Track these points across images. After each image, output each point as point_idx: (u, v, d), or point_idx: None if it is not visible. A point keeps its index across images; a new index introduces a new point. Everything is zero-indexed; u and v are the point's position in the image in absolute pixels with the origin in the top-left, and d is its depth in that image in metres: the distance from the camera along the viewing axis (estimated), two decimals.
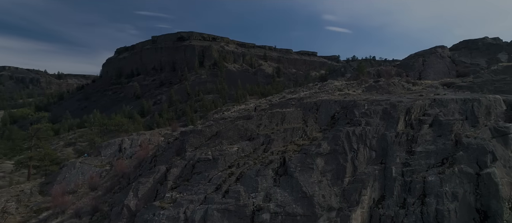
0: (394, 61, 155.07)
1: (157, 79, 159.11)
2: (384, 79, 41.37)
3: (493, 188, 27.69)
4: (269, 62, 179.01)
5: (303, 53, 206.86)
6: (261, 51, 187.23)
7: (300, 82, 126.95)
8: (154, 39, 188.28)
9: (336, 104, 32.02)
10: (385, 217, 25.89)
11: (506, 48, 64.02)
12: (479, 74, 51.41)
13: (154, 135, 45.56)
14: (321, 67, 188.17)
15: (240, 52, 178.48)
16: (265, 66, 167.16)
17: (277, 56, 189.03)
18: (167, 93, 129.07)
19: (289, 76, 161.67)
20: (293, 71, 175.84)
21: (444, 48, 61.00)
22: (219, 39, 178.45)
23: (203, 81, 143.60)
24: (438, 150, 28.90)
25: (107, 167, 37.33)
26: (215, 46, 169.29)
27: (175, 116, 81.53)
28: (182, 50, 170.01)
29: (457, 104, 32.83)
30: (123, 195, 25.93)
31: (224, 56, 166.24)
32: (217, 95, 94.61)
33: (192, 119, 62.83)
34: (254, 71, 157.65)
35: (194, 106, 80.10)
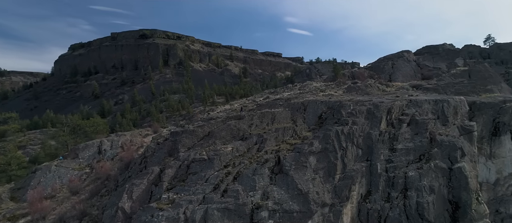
0: (354, 63, 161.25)
1: (118, 78, 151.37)
2: (361, 81, 43.63)
3: (463, 181, 30.56)
4: (235, 63, 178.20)
5: (268, 54, 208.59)
6: (227, 51, 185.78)
7: (267, 83, 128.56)
8: (113, 36, 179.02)
9: (323, 104, 33.36)
10: (373, 211, 27.59)
11: (461, 54, 70.21)
12: (441, 77, 56.09)
13: (134, 136, 44.00)
14: (286, 68, 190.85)
15: (206, 51, 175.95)
16: (231, 66, 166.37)
17: (243, 56, 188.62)
18: (129, 92, 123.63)
19: (256, 77, 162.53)
20: (259, 71, 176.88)
21: (409, 52, 65.46)
22: (184, 38, 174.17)
23: (168, 81, 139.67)
24: (416, 147, 31.27)
25: (86, 169, 35.63)
26: (180, 45, 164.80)
27: (139, 116, 78.77)
28: (145, 48, 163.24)
29: (430, 104, 35.65)
30: (115, 197, 25.12)
31: (189, 55, 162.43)
32: (183, 95, 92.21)
33: (158, 119, 61.25)
34: (220, 71, 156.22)
35: (160, 106, 77.54)
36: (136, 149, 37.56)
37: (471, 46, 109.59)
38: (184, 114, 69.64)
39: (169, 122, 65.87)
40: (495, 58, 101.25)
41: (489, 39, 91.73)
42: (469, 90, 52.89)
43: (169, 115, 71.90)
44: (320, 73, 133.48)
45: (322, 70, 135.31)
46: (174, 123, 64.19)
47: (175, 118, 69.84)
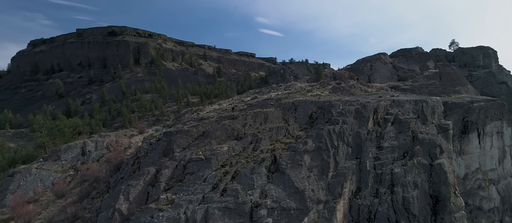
0: (325, 64, 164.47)
1: (85, 76, 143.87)
2: (344, 82, 45.25)
3: (443, 176, 32.70)
4: (209, 62, 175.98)
5: (242, 54, 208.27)
6: (201, 50, 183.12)
7: (242, 83, 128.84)
8: (79, 32, 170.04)
9: (313, 104, 34.33)
10: (363, 207, 28.87)
11: (432, 57, 74.59)
12: (416, 79, 59.40)
13: (119, 136, 42.52)
14: (259, 68, 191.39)
15: (179, 50, 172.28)
16: (205, 66, 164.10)
17: (217, 56, 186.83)
18: (98, 91, 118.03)
19: (230, 76, 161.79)
20: (233, 71, 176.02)
21: (385, 55, 68.57)
22: (156, 36, 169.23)
23: (139, 80, 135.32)
24: (400, 145, 33.05)
25: (71, 172, 34.16)
26: (152, 43, 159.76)
27: (109, 117, 76.05)
28: (114, 46, 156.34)
29: (411, 105, 37.75)
30: (110, 199, 24.49)
31: (162, 54, 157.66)
32: (156, 95, 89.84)
33: (130, 120, 59.59)
34: (194, 70, 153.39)
35: (131, 106, 74.95)
36: (124, 150, 36.57)
37: (438, 50, 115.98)
38: (158, 114, 68.34)
39: (141, 122, 64.35)
40: (458, 62, 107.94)
41: (453, 43, 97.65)
42: (440, 91, 56.45)
43: (142, 115, 69.99)
44: (294, 73, 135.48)
45: (296, 71, 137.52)
46: (147, 122, 62.82)
47: (148, 118, 68.36)
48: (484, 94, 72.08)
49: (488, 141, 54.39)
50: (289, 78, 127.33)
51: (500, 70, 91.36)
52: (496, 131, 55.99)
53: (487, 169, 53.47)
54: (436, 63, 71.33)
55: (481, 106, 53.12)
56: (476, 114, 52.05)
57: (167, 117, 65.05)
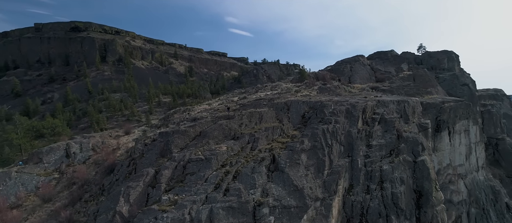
0: (295, 65, 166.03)
1: (45, 74, 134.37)
2: (328, 83, 46.64)
3: (425, 172, 34.82)
4: (180, 61, 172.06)
5: (214, 53, 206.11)
6: (171, 49, 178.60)
7: (214, 82, 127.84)
8: (38, 27, 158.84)
9: (304, 104, 35.16)
10: (356, 203, 30.09)
11: (407, 59, 78.62)
12: (392, 80, 62.42)
13: (104, 137, 40.64)
14: (231, 68, 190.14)
15: (149, 48, 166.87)
16: (176, 65, 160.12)
17: (188, 55, 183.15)
18: (60, 90, 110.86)
19: (202, 76, 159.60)
20: (205, 70, 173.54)
21: (363, 57, 71.35)
22: (124, 33, 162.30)
23: (107, 78, 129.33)
24: (387, 143, 34.75)
25: (55, 175, 32.42)
26: (120, 41, 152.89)
27: (74, 117, 72.45)
28: (78, 42, 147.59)
29: (394, 105, 39.75)
30: (109, 201, 23.70)
31: (130, 51, 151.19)
32: (125, 94, 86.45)
33: (97, 120, 56.94)
34: (165, 69, 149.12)
35: (98, 106, 71.51)
36: (112, 151, 35.28)
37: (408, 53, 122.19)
38: (128, 114, 65.95)
39: (110, 123, 62.06)
40: (426, 64, 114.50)
41: (421, 47, 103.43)
42: (414, 92, 59.73)
43: (110, 115, 66.83)
44: (267, 73, 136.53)
45: (269, 71, 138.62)
46: (116, 123, 60.77)
47: (117, 118, 65.81)
48: (450, 95, 77.07)
49: (457, 138, 58.36)
50: (262, 78, 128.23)
51: (462, 73, 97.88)
52: (464, 129, 60.22)
53: (456, 164, 57.36)
54: (409, 66, 75.20)
55: (451, 106, 56.88)
56: (447, 113, 55.67)
57: (138, 117, 62.96)
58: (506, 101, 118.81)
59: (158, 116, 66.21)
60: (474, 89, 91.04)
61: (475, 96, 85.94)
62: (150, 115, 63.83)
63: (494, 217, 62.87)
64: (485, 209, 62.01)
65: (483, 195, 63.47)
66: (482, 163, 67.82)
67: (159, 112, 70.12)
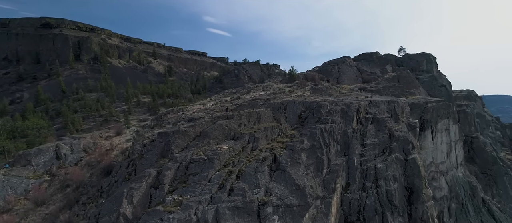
0: (275, 66, 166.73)
1: (13, 72, 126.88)
2: (320, 83, 47.43)
3: (416, 169, 36.16)
4: (159, 60, 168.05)
5: (193, 52, 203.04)
6: (150, 47, 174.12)
7: (195, 82, 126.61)
8: (4, 22, 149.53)
9: (300, 104, 35.64)
10: (353, 201, 30.84)
11: (389, 61, 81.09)
12: (378, 81, 64.38)
13: (95, 138, 39.22)
14: (211, 68, 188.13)
15: (126, 47, 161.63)
16: (155, 64, 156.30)
17: (167, 54, 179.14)
18: (30, 89, 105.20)
19: (181, 75, 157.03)
20: (185, 70, 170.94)
21: (349, 58, 72.96)
22: (99, 31, 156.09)
23: (81, 77, 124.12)
24: (380, 142, 35.81)
25: (46, 177, 31.09)
26: (95, 38, 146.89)
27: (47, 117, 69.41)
28: (50, 39, 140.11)
29: (385, 105, 41.00)
30: (111, 203, 23.11)
31: (106, 50, 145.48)
32: (102, 94, 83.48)
33: (73, 121, 54.67)
34: (143, 68, 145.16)
35: (73, 106, 68.49)
36: (106, 152, 34.28)
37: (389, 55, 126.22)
38: (105, 115, 63.97)
39: (86, 123, 60.15)
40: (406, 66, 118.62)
41: (401, 49, 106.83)
42: (399, 92, 61.80)
43: (87, 116, 64.27)
44: (248, 74, 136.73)
45: (250, 71, 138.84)
46: (93, 124, 59.05)
47: (94, 118, 63.71)
48: (429, 95, 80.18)
49: (439, 137, 60.79)
50: (244, 79, 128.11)
51: (439, 75, 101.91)
52: (445, 128, 62.81)
53: (438, 162, 59.71)
54: (393, 67, 77.59)
55: (433, 106, 59.21)
56: (430, 113, 57.89)
57: (116, 118, 61.11)
58: (478, 102, 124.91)
59: (137, 116, 65.05)
60: (450, 90, 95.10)
61: (452, 97, 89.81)
62: (129, 115, 62.01)
63: (472, 211, 66.00)
64: (464, 204, 65.00)
65: (462, 190, 66.52)
66: (461, 160, 71.07)
67: (139, 112, 68.59)
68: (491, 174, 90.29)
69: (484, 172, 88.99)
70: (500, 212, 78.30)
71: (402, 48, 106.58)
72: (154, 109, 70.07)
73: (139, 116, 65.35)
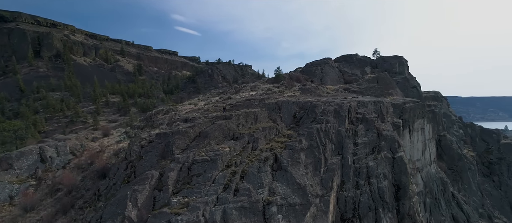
0: (247, 66, 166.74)
1: None
2: (308, 84, 48.31)
3: (403, 167, 37.90)
4: (127, 58, 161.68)
5: (164, 51, 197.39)
6: (117, 45, 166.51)
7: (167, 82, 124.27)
8: None
9: (294, 104, 36.15)
10: (349, 198, 31.78)
11: (368, 63, 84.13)
12: (359, 82, 66.64)
13: (81, 139, 37.12)
14: (183, 67, 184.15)
15: (92, 44, 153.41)
16: (123, 62, 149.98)
17: (137, 52, 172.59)
18: None
19: (152, 75, 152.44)
20: (155, 69, 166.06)
21: (331, 60, 74.80)
22: (62, 26, 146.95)
23: (42, 75, 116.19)
24: (369, 141, 37.14)
25: (31, 181, 29.15)
26: (57, 34, 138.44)
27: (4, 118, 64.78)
28: (5, 34, 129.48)
29: (372, 105, 42.58)
30: (114, 207, 22.20)
31: (70, 47, 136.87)
32: (67, 93, 78.61)
33: (34, 122, 51.31)
34: (111, 67, 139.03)
35: (34, 106, 63.99)
36: (96, 154, 32.70)
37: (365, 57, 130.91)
38: (71, 115, 60.57)
39: (50, 124, 56.98)
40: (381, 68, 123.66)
41: (376, 52, 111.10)
42: (379, 93, 64.30)
43: (50, 116, 60.41)
44: (222, 74, 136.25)
45: (224, 71, 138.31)
46: (58, 125, 56.10)
47: (58, 119, 60.29)
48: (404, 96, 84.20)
49: (416, 135, 63.97)
50: (218, 79, 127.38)
51: (411, 76, 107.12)
52: (420, 128, 66.19)
53: (415, 159, 62.85)
54: (372, 69, 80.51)
55: (411, 106, 62.21)
56: (408, 113, 60.76)
57: (84, 119, 58.00)
58: (444, 102, 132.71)
59: (106, 117, 62.36)
60: (421, 92, 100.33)
61: (422, 98, 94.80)
62: (97, 115, 59.07)
63: (443, 205, 70.07)
64: (437, 199, 68.84)
65: (435, 186, 70.42)
66: (433, 157, 75.20)
67: (108, 113, 65.88)
68: (457, 169, 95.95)
69: (451, 168, 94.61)
70: (466, 204, 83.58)
71: (377, 50, 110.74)
72: (124, 109, 67.48)
73: (108, 116, 62.60)
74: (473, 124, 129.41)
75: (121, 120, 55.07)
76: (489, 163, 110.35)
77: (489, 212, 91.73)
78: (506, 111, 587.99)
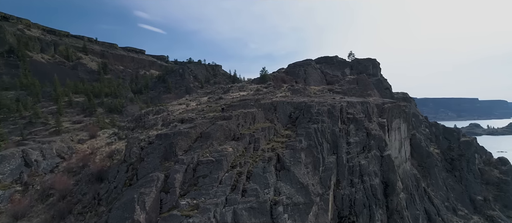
0: (217, 66, 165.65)
1: None
2: (296, 85, 48.96)
3: (391, 165, 39.57)
4: (91, 56, 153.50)
5: (130, 49, 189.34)
6: (79, 42, 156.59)
7: (136, 81, 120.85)
8: None
9: (289, 105, 36.54)
10: (345, 196, 32.64)
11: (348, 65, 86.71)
12: (341, 83, 68.59)
13: (66, 142, 34.67)
14: (150, 66, 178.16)
15: (50, 40, 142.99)
16: (86, 60, 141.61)
17: (101, 50, 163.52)
18: None
19: (118, 74, 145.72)
20: (121, 68, 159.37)
21: (313, 61, 76.24)
22: (15, 20, 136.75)
23: None
24: (360, 140, 38.39)
25: (17, 187, 26.99)
26: (10, 28, 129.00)
27: None
28: None
29: (359, 105, 44.00)
30: (121, 211, 21.19)
31: (25, 42, 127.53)
32: (23, 92, 72.85)
33: None
34: (73, 64, 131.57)
35: None
36: (88, 156, 30.89)
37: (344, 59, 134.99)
38: (30, 116, 56.62)
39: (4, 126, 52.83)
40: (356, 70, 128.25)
41: (351, 55, 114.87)
42: (359, 94, 66.58)
43: (4, 117, 56.05)
44: (193, 73, 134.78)
45: (195, 71, 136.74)
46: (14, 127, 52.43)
47: (14, 120, 56.17)
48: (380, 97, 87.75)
49: (393, 134, 66.83)
50: (189, 79, 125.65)
51: (383, 78, 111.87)
52: (397, 127, 69.27)
53: (393, 157, 65.76)
54: (351, 70, 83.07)
55: (389, 106, 64.98)
56: (387, 113, 63.44)
57: (44, 120, 54.13)
58: (413, 103, 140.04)
59: (70, 117, 58.67)
60: (392, 93, 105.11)
61: (394, 98, 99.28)
62: (60, 116, 55.06)
63: (418, 200, 73.74)
64: (412, 194, 72.31)
65: (410, 182, 74.02)
66: (408, 155, 79.05)
67: (72, 113, 62.33)
68: (426, 166, 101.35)
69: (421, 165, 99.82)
70: (435, 199, 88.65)
71: (352, 53, 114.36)
72: (90, 109, 64.26)
73: (72, 117, 59.13)
74: (437, 123, 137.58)
75: (87, 121, 52.10)
76: (451, 159, 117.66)
77: (454, 205, 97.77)
78: (453, 111, 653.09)
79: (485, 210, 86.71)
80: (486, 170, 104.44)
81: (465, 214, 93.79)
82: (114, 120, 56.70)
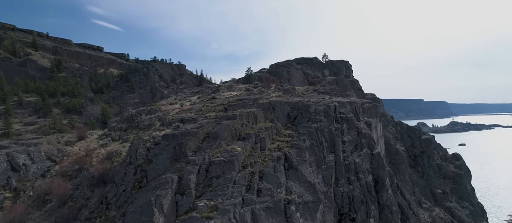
0: (181, 65, 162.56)
1: None
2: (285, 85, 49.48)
3: (381, 162, 41.26)
4: (42, 52, 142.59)
5: (86, 46, 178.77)
6: (28, 36, 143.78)
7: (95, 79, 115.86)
8: None
9: (287, 105, 36.86)
10: (344, 193, 33.55)
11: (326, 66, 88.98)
12: (322, 84, 70.32)
13: (53, 144, 31.81)
14: (109, 65, 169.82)
15: None
16: (37, 57, 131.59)
17: (53, 46, 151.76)
18: None
19: (74, 72, 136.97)
20: (77, 66, 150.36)
21: (293, 61, 77.32)
22: None
23: None
24: (352, 139, 39.66)
25: (6, 193, 24.45)
26: None
27: None
28: None
29: (348, 105, 45.43)
30: (137, 214, 20.04)
31: None
32: None
33: None
34: (21, 61, 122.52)
35: None
36: (83, 159, 28.76)
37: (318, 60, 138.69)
38: None
39: None
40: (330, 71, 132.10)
41: (325, 56, 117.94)
42: (339, 94, 68.62)
43: None
44: (159, 73, 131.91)
45: (161, 70, 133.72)
46: None
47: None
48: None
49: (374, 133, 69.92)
50: (154, 78, 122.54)
51: (355, 79, 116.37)
52: (375, 126, 72.46)
53: None
54: (329, 71, 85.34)
55: (368, 106, 67.79)
56: (366, 112, 66.16)
57: None
58: (381, 103, 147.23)
59: (21, 118, 54.33)
60: (364, 93, 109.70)
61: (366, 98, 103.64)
62: (9, 117, 49.96)
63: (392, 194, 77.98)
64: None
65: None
66: (383, 152, 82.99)
67: (23, 114, 57.95)
68: (395, 163, 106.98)
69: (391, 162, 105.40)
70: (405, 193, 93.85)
71: (326, 55, 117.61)
72: (44, 110, 59.89)
73: (23, 118, 55.02)
74: (401, 123, 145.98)
75: (41, 123, 48.54)
76: (414, 156, 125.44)
77: (419, 198, 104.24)
78: (403, 111, 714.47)
79: (444, 202, 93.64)
80: (443, 165, 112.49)
81: (429, 207, 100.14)
82: (72, 121, 52.57)
